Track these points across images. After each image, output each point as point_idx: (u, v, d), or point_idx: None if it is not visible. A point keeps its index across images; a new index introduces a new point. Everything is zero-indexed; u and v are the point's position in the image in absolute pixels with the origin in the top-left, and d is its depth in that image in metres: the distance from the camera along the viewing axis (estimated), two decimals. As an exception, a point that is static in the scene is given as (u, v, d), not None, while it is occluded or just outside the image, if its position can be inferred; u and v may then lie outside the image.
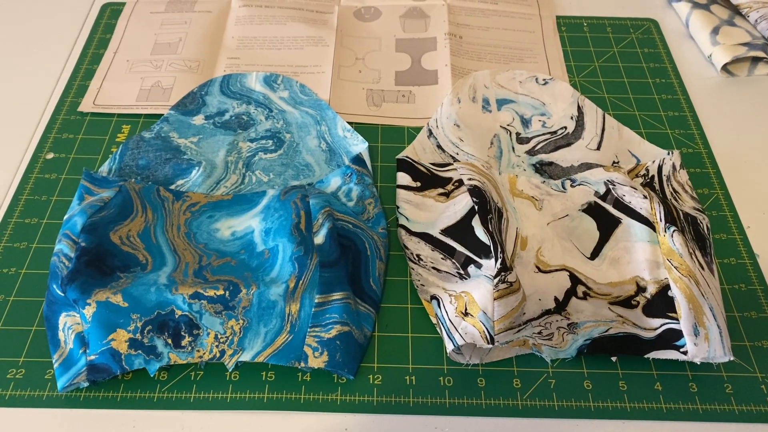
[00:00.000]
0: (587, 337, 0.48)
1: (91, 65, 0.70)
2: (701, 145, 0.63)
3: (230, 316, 0.46)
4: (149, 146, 0.60)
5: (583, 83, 0.69)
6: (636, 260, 0.50)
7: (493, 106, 0.64)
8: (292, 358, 0.46)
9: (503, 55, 0.71)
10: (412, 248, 0.53)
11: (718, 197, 0.58)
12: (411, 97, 0.67)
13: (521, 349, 0.48)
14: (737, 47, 0.69)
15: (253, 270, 0.49)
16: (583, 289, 0.49)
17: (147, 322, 0.46)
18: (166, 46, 0.72)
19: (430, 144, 0.61)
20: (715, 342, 0.45)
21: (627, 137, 0.62)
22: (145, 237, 0.51)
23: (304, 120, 0.63)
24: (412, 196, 0.56)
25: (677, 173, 0.57)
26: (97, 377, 0.45)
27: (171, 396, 0.46)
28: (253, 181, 0.58)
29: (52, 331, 0.47)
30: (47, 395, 0.46)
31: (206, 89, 0.66)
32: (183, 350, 0.46)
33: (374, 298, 0.50)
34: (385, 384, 0.47)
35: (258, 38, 0.73)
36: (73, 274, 0.46)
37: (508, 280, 0.45)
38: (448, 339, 0.46)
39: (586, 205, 0.54)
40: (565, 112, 0.64)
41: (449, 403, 0.46)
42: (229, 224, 0.54)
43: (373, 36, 0.74)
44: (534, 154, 0.60)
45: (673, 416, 0.45)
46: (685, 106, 0.66)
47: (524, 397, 0.46)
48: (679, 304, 0.46)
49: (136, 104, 0.65)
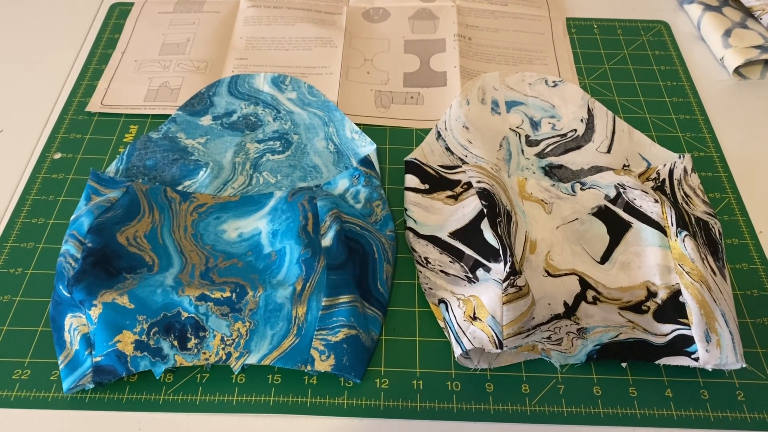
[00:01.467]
0: (597, 343, 0.47)
1: (99, 65, 0.70)
2: (713, 149, 0.62)
3: (237, 318, 0.46)
4: (157, 147, 0.60)
5: (594, 86, 0.68)
6: (647, 265, 0.49)
7: (502, 108, 0.64)
8: (299, 361, 0.45)
9: (512, 57, 0.71)
10: (420, 251, 0.52)
11: (730, 201, 0.58)
12: (419, 98, 0.67)
13: (530, 354, 0.48)
14: (750, 50, 0.68)
15: (260, 272, 0.49)
16: (592, 294, 0.49)
17: (153, 323, 0.45)
18: (174, 47, 0.72)
19: (439, 146, 0.60)
20: (727, 348, 0.44)
21: (638, 140, 0.61)
22: (151, 238, 0.51)
23: (311, 121, 0.63)
24: (420, 198, 0.56)
25: (689, 177, 0.56)
26: (103, 379, 0.45)
27: (176, 398, 0.46)
28: (261, 183, 0.58)
29: (58, 332, 0.47)
30: (52, 396, 0.46)
31: (214, 90, 0.66)
32: (189, 352, 0.45)
33: (382, 301, 0.50)
34: (392, 388, 0.46)
35: (266, 39, 0.72)
36: (79, 275, 0.45)
37: (517, 284, 0.45)
38: (456, 343, 0.46)
39: (596, 208, 0.53)
40: (575, 114, 0.63)
41: (457, 408, 0.45)
42: (236, 226, 0.53)
43: (381, 37, 0.73)
44: (543, 156, 0.60)
45: (684, 423, 0.45)
46: (697, 110, 0.66)
47: (533, 402, 0.46)
48: (691, 310, 0.45)
49: (143, 104, 0.65)
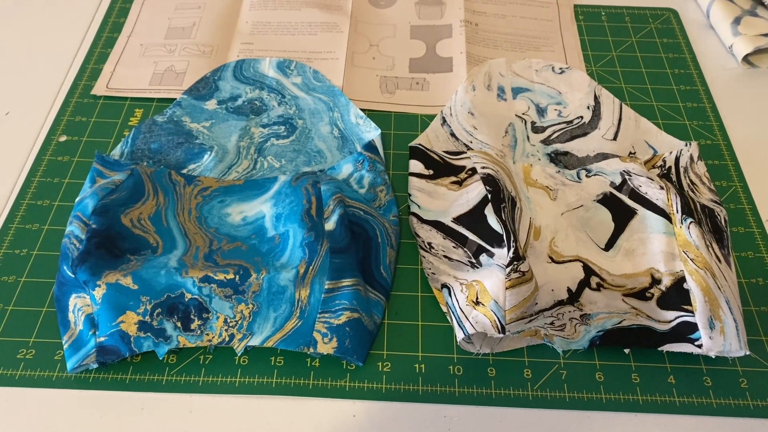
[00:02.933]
0: (600, 329, 0.47)
1: (105, 49, 0.70)
2: (720, 137, 0.61)
3: (240, 300, 0.46)
4: (161, 130, 0.60)
5: (601, 73, 0.68)
6: (651, 252, 0.49)
7: (508, 94, 0.63)
8: (302, 343, 0.46)
9: (519, 44, 0.70)
10: (424, 236, 0.52)
11: (736, 190, 0.57)
12: (425, 84, 0.66)
13: (532, 340, 0.48)
14: (759, 38, 0.68)
15: (264, 255, 0.49)
16: (596, 281, 0.49)
17: (156, 304, 0.45)
18: (180, 31, 0.71)
19: (444, 132, 0.60)
20: (731, 336, 0.44)
21: (644, 128, 0.61)
22: (156, 220, 0.51)
23: (316, 106, 0.63)
24: (424, 183, 0.56)
25: (695, 165, 0.56)
26: (106, 359, 0.45)
27: (179, 379, 0.46)
28: (265, 167, 0.58)
29: (63, 312, 0.47)
30: (57, 376, 0.46)
31: (219, 74, 0.66)
32: (192, 334, 0.46)
33: (384, 285, 0.50)
34: (394, 371, 0.47)
35: (272, 23, 0.72)
36: (83, 256, 0.46)
37: (520, 269, 0.45)
38: (458, 328, 0.46)
39: (601, 195, 0.53)
40: (581, 101, 0.63)
41: (458, 392, 0.45)
42: (240, 209, 0.53)
43: (387, 22, 0.73)
44: (549, 143, 0.59)
45: (687, 410, 0.45)
46: (704, 98, 0.65)
47: (535, 387, 0.46)
48: (695, 297, 0.45)
49: (149, 88, 0.65)
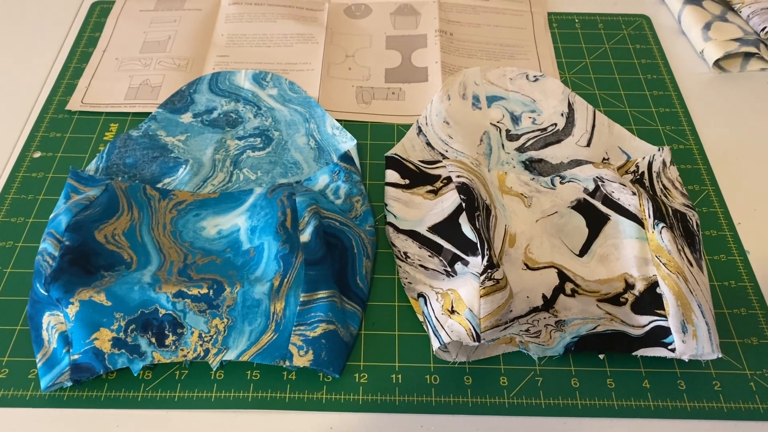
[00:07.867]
0: (575, 335, 0.47)
1: (80, 64, 0.69)
2: (692, 142, 0.62)
3: (214, 314, 0.46)
4: (136, 144, 0.60)
5: (575, 80, 0.68)
6: (625, 257, 0.49)
7: (483, 103, 0.64)
8: (277, 356, 0.45)
9: (494, 52, 0.71)
10: (400, 246, 0.53)
11: (708, 193, 0.58)
12: (401, 94, 0.67)
13: (508, 347, 0.48)
14: (729, 43, 0.69)
15: (238, 268, 0.49)
16: (571, 287, 0.49)
17: (130, 321, 0.45)
18: (156, 44, 0.71)
19: (420, 141, 0.60)
20: (704, 339, 0.44)
21: (617, 134, 0.61)
22: (130, 235, 0.51)
23: (292, 117, 0.63)
24: (400, 193, 0.56)
25: (667, 169, 0.57)
26: (81, 377, 0.45)
27: (155, 395, 0.46)
28: (241, 179, 0.58)
29: (36, 330, 0.47)
30: (31, 395, 0.46)
31: (195, 87, 0.66)
32: (167, 349, 0.45)
33: (361, 296, 0.50)
34: (371, 382, 0.46)
35: (248, 36, 0.72)
36: (56, 273, 0.45)
37: (494, 277, 0.45)
38: (434, 337, 0.46)
39: (575, 202, 0.54)
40: (555, 109, 0.63)
41: (435, 402, 0.46)
42: (216, 222, 0.53)
43: (363, 33, 0.73)
44: (524, 151, 0.60)
45: (662, 414, 0.45)
46: (677, 103, 0.66)
47: (511, 395, 0.46)
48: (667, 301, 0.46)
49: (124, 102, 0.65)
